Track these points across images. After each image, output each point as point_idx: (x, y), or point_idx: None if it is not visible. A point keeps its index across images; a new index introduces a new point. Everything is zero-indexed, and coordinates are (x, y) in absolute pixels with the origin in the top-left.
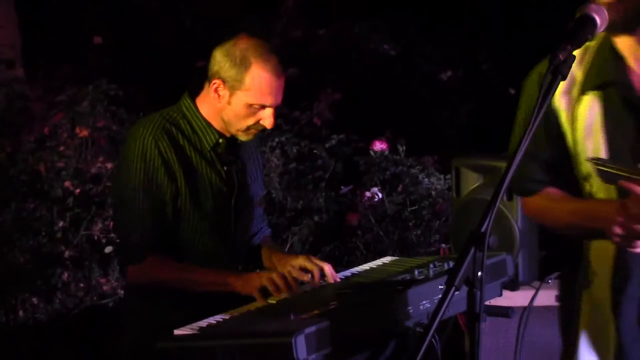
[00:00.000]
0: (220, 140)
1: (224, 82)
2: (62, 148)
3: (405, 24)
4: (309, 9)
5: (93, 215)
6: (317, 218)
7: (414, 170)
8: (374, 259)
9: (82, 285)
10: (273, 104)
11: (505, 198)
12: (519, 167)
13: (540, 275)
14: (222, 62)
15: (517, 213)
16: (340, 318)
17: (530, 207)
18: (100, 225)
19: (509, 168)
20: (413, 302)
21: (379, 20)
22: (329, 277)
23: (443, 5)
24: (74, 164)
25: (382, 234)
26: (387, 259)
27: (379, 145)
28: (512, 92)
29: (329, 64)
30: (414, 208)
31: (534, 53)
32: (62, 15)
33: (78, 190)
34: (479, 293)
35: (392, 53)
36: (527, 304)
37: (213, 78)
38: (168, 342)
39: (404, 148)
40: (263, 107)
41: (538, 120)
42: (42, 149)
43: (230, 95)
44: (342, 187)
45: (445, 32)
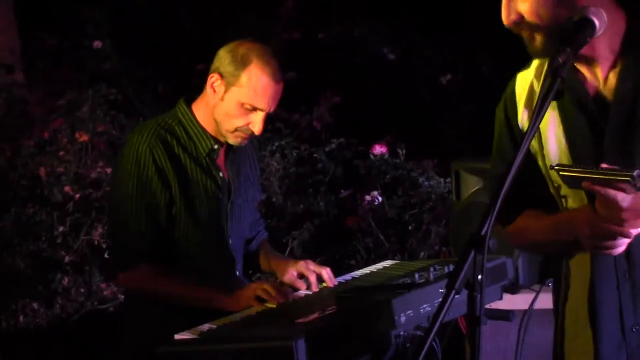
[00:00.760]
0: (216, 147)
1: (222, 76)
2: (62, 153)
3: (405, 27)
4: (309, 12)
5: (93, 220)
6: (317, 222)
7: (414, 174)
8: (374, 263)
9: (82, 290)
10: (265, 108)
11: None
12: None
13: (541, 278)
14: (223, 58)
15: None
16: (341, 322)
17: (512, 232)
18: (101, 230)
19: (509, 170)
20: (413, 305)
21: (379, 23)
22: (328, 281)
23: (443, 8)
24: (74, 169)
25: (382, 238)
26: (387, 263)
27: (379, 149)
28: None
29: (329, 68)
30: (414, 211)
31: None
32: (61, 19)
33: (78, 195)
34: (479, 296)
35: (391, 57)
36: (527, 307)
37: (212, 73)
38: (169, 346)
39: (404, 151)
40: (254, 109)
41: (538, 123)
42: (42, 154)
43: (225, 91)
44: (342, 190)
45: (445, 34)
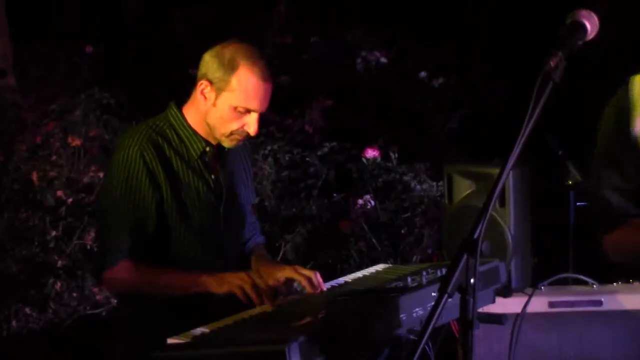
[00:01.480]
0: (207, 149)
1: (211, 83)
2: (54, 157)
3: (398, 31)
4: (301, 16)
5: (86, 225)
6: (310, 226)
7: (407, 178)
8: (367, 267)
9: (75, 295)
10: (258, 109)
11: (498, 205)
12: (604, 200)
13: (533, 282)
14: (210, 63)
15: (509, 219)
16: (334, 326)
17: (614, 240)
18: (93, 235)
19: (501, 174)
20: (406, 309)
21: (371, 28)
22: (317, 285)
23: (435, 13)
24: (67, 173)
25: (375, 242)
26: (380, 267)
27: (371, 153)
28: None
29: (321, 71)
30: (407, 215)
31: (526, 60)
32: (54, 24)
33: (70, 200)
34: (472, 300)
35: (383, 61)
36: (520, 311)
37: (200, 80)
38: (162, 351)
39: (396, 155)
40: (248, 111)
41: (530, 126)
42: (34, 158)
43: (216, 97)
44: (334, 194)
45: (438, 39)
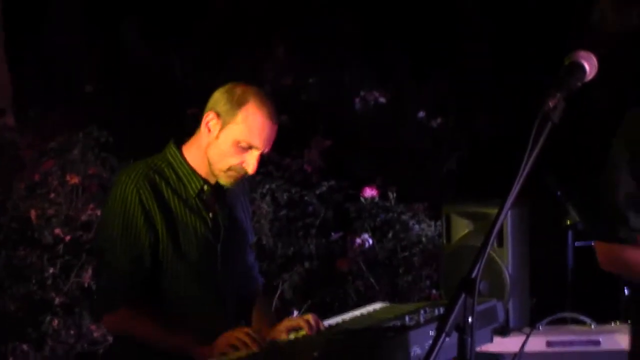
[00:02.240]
0: (205, 187)
1: (218, 115)
2: (52, 195)
3: (395, 71)
4: (299, 57)
5: (83, 262)
6: (307, 264)
7: (405, 217)
8: (365, 305)
9: (72, 332)
10: (260, 147)
11: (496, 244)
12: (614, 212)
13: (531, 322)
14: (220, 98)
15: (507, 259)
16: None
17: (621, 256)
18: (91, 272)
19: (499, 214)
20: (404, 348)
21: (369, 68)
22: (314, 326)
23: (432, 52)
24: (65, 211)
25: (372, 280)
26: (377, 305)
27: (369, 192)
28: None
29: (320, 111)
30: (405, 254)
31: (523, 100)
32: (53, 63)
33: (68, 237)
34: (470, 339)
35: (381, 100)
36: (517, 350)
37: (207, 111)
38: None
39: (395, 195)
40: (250, 147)
41: (528, 167)
42: (32, 196)
43: (221, 129)
44: (332, 233)
45: (435, 79)
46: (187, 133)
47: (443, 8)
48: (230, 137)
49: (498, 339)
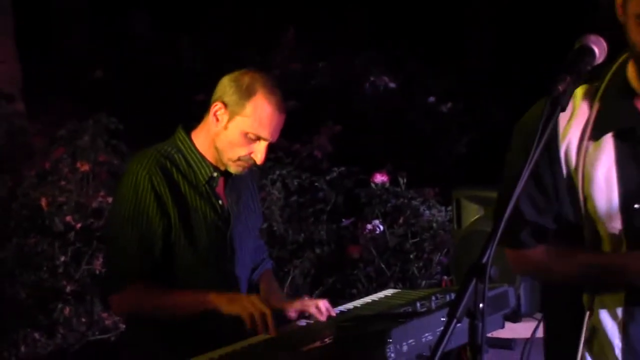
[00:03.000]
0: (215, 174)
1: (226, 105)
2: (63, 182)
3: (405, 56)
4: (309, 42)
5: (94, 250)
6: (318, 251)
7: (415, 202)
8: (376, 292)
9: (84, 320)
10: (268, 138)
11: None
12: (513, 217)
13: (542, 307)
14: (227, 87)
15: None
16: (341, 351)
17: (527, 260)
18: (102, 260)
19: (510, 199)
20: (415, 334)
21: (379, 53)
22: (325, 312)
23: (443, 37)
24: (75, 199)
25: (383, 266)
26: (388, 292)
27: (380, 178)
28: None
29: (329, 97)
30: (416, 240)
31: (533, 82)
32: (62, 50)
33: (79, 225)
34: (481, 325)
35: (391, 85)
36: (529, 336)
37: (215, 101)
38: None
39: (405, 180)
40: (258, 138)
41: (537, 153)
42: (43, 184)
43: (229, 120)
44: (343, 219)
45: (445, 63)
46: (195, 119)
47: None
48: (239, 128)
49: (509, 325)
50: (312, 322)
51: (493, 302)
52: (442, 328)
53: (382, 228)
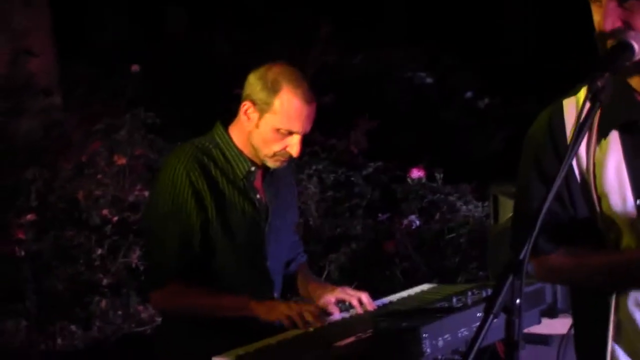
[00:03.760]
0: (253, 169)
1: (254, 104)
2: (99, 176)
3: (442, 51)
4: (345, 36)
5: (131, 243)
6: (354, 245)
7: (452, 198)
8: (412, 287)
9: (120, 313)
10: (300, 131)
11: None
12: (530, 224)
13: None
14: (254, 84)
15: None
16: (378, 345)
17: (549, 266)
18: (138, 253)
19: (548, 194)
20: (451, 329)
21: (415, 47)
22: (367, 305)
23: (480, 32)
24: (112, 192)
25: (419, 262)
26: (424, 287)
27: (416, 173)
28: None
29: (365, 91)
30: (452, 235)
31: (571, 78)
32: (99, 44)
33: (116, 218)
34: (517, 321)
35: (428, 80)
36: (565, 332)
37: (244, 100)
38: None
39: (442, 175)
40: (290, 133)
41: (577, 147)
42: (80, 177)
43: (259, 118)
44: (379, 214)
45: (482, 58)
46: (233, 113)
47: None
48: (270, 125)
49: (546, 321)
50: (347, 316)
51: (530, 298)
52: (478, 323)
53: (418, 223)
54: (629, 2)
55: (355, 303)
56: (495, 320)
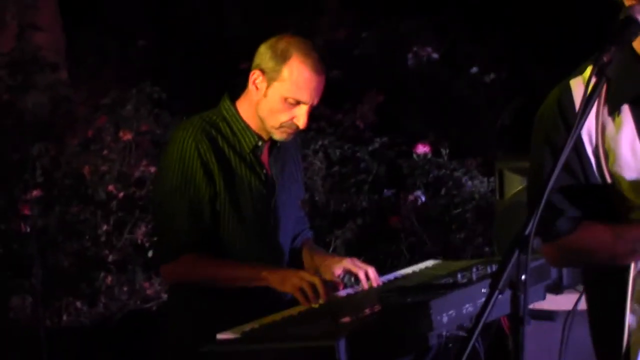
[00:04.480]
0: (260, 143)
1: (263, 73)
2: (105, 151)
3: (449, 25)
4: (352, 10)
5: (137, 219)
6: (360, 221)
7: (457, 173)
8: (417, 262)
9: (125, 289)
10: (308, 101)
11: None
12: (545, 211)
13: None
14: (264, 54)
15: None
16: (383, 321)
17: (569, 246)
18: (144, 229)
19: (553, 170)
20: (456, 305)
21: (422, 22)
22: (373, 280)
23: (487, 6)
24: (118, 168)
25: (425, 237)
26: (430, 262)
27: (422, 148)
28: None
29: (372, 66)
30: (458, 211)
31: (579, 52)
32: (106, 18)
33: (122, 194)
34: (523, 296)
35: (435, 56)
36: (571, 308)
37: (253, 70)
38: (211, 346)
39: (447, 151)
40: (298, 102)
41: (583, 122)
42: (86, 153)
43: (267, 87)
44: (385, 190)
45: (489, 33)
46: (240, 87)
47: None
48: (278, 94)
49: (551, 296)
50: (352, 292)
51: (535, 273)
52: (482, 299)
53: (424, 199)
54: None
55: (362, 276)
56: (501, 296)
